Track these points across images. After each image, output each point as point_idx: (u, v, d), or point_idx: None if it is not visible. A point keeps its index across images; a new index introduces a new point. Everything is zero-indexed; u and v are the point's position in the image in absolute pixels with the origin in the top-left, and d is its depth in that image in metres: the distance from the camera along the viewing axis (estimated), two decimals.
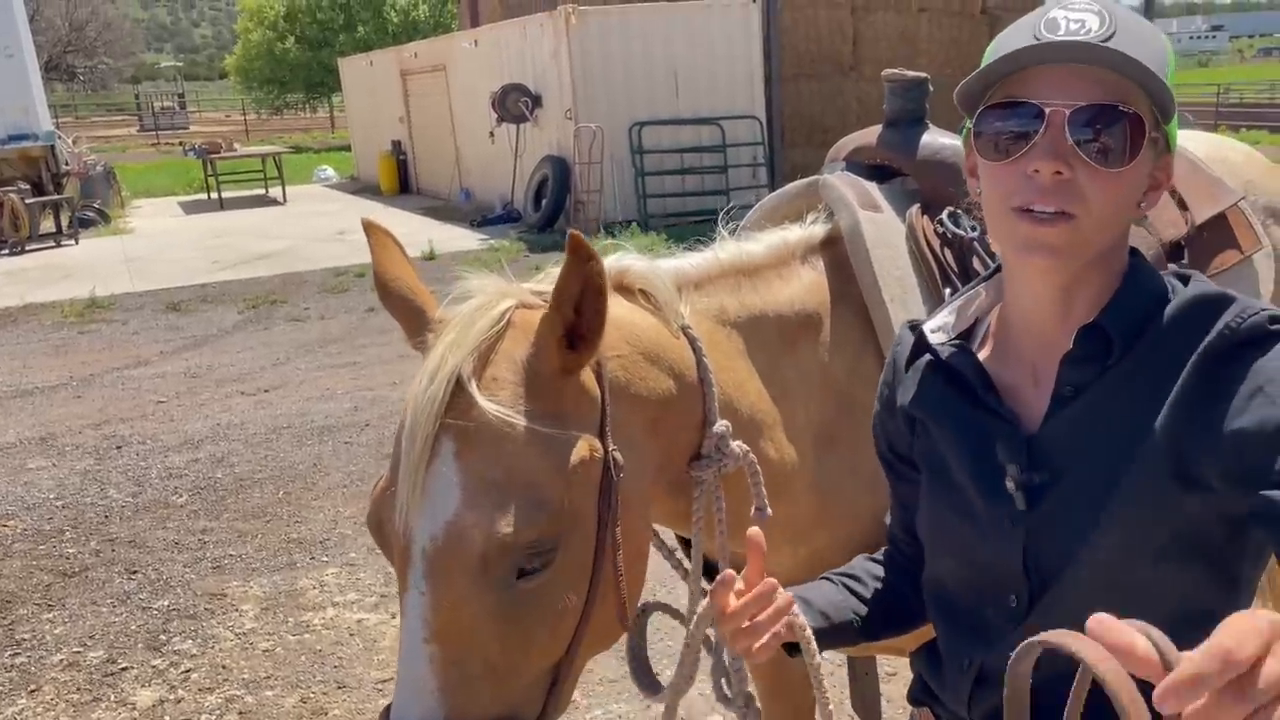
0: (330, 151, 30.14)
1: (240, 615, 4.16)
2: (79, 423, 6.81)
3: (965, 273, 1.74)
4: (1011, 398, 1.18)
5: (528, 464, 1.23)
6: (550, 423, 1.25)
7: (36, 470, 5.96)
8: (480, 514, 1.20)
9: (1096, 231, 1.06)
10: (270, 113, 43.67)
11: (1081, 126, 1.04)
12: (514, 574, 1.22)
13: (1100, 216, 1.06)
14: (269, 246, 14.07)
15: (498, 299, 1.32)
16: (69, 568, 4.68)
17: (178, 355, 8.56)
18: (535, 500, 1.22)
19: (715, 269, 1.65)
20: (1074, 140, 1.04)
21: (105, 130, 42.80)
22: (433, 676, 1.21)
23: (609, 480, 1.30)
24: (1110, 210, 1.07)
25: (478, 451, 1.22)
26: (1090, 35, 1.04)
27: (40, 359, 8.63)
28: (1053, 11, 1.08)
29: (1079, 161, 1.04)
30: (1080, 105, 1.04)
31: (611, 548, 1.31)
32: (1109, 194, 1.06)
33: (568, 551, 1.26)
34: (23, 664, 3.88)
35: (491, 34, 16.71)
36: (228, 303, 10.55)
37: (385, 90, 21.26)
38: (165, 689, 3.67)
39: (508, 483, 1.22)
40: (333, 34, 35.63)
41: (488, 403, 1.22)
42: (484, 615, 1.22)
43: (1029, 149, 1.06)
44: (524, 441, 1.23)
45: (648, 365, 1.43)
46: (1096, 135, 1.04)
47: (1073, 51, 1.04)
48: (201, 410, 6.97)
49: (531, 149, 15.07)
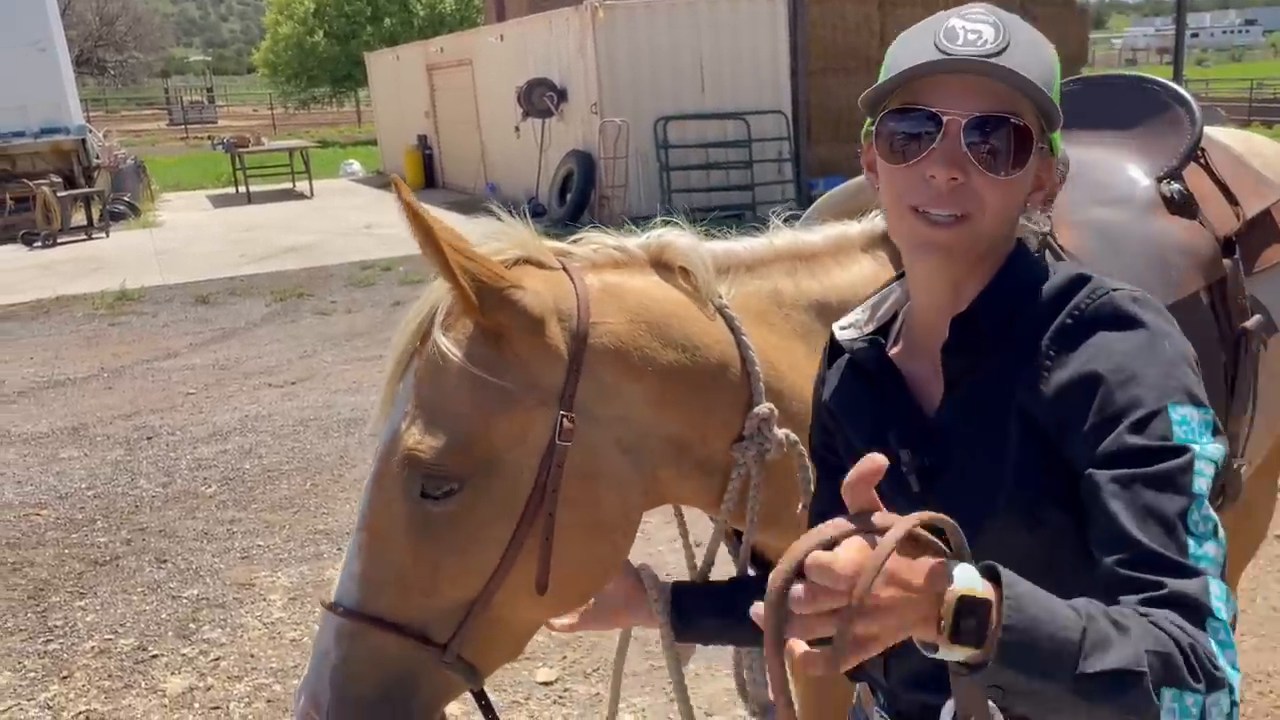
0: (356, 146, 30.32)
1: (268, 605, 4.22)
2: (110, 413, 6.91)
3: None
4: (918, 388, 1.24)
5: (452, 397, 1.35)
6: (488, 369, 1.34)
7: (68, 460, 6.06)
8: (406, 426, 1.35)
9: (988, 231, 1.13)
10: (297, 107, 43.98)
11: (976, 135, 1.10)
12: (418, 490, 1.35)
13: (993, 217, 1.13)
14: (296, 240, 14.19)
15: (508, 249, 1.43)
16: (100, 556, 4.75)
17: (206, 347, 8.66)
18: (445, 429, 1.33)
19: (769, 253, 1.63)
20: (968, 148, 1.10)
21: (135, 124, 43.26)
22: (356, 562, 1.40)
23: (554, 443, 1.35)
24: (1002, 211, 1.13)
25: (424, 376, 1.38)
26: (985, 48, 1.10)
27: (72, 350, 8.75)
28: (951, 20, 1.13)
29: (973, 168, 1.10)
30: (975, 115, 1.10)
31: (542, 509, 1.36)
32: (1000, 197, 1.12)
33: (483, 495, 1.35)
34: (55, 651, 3.95)
35: (517, 29, 16.74)
36: (255, 296, 10.65)
37: (411, 85, 21.35)
38: (195, 676, 3.72)
39: (431, 407, 1.35)
40: (359, 27, 35.79)
41: (439, 335, 1.36)
42: (398, 521, 1.37)
43: (926, 154, 1.11)
44: (456, 376, 1.35)
45: (651, 337, 1.44)
46: (989, 143, 1.10)
47: (970, 66, 1.10)
48: (230, 402, 7.05)
49: (557, 143, 15.09)
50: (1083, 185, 1.88)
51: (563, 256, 1.48)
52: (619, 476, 1.41)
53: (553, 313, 1.39)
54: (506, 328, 1.35)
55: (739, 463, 1.49)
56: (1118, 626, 0.88)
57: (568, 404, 1.36)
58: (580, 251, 1.52)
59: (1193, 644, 0.90)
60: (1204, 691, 0.88)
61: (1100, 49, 48.24)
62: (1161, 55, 47.12)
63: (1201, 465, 0.99)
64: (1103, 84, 2.26)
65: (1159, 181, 1.99)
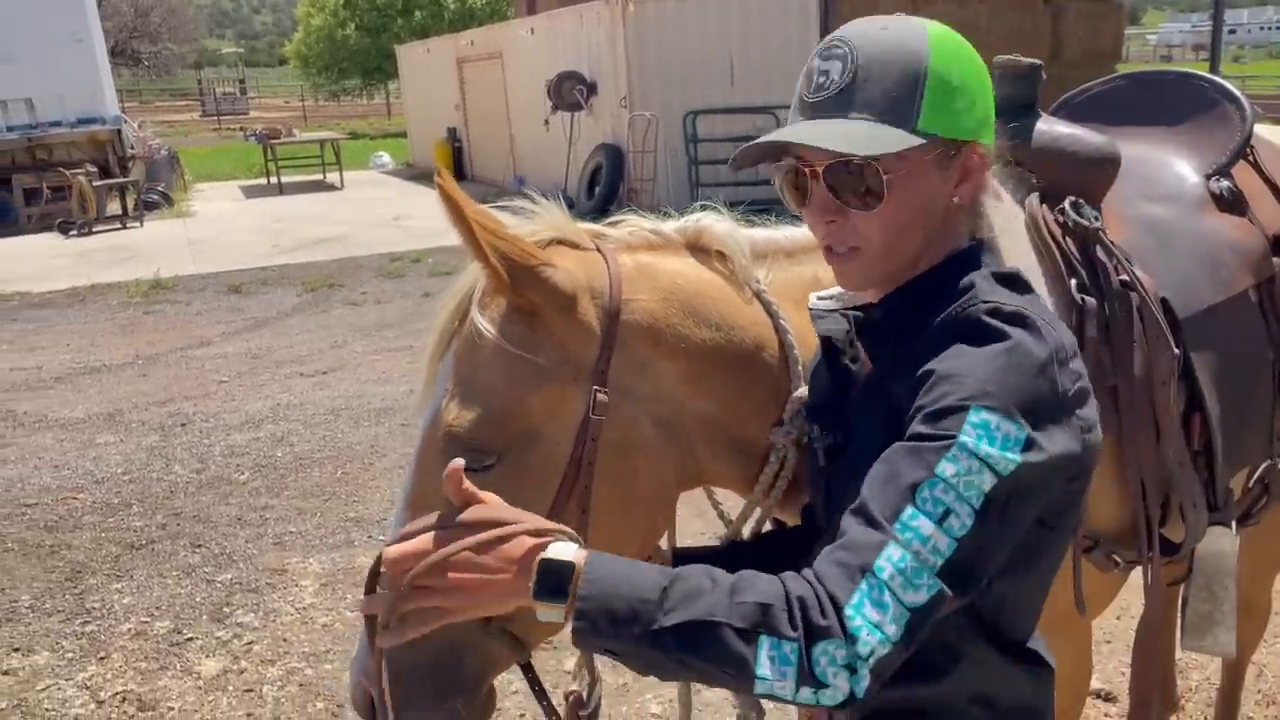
0: (386, 138, 30.46)
1: (300, 590, 4.26)
2: (145, 400, 6.99)
3: (1089, 263, 1.72)
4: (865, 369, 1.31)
5: (488, 374, 1.39)
6: (522, 345, 1.38)
7: (105, 445, 6.14)
8: (446, 403, 1.39)
9: (883, 255, 1.19)
10: (328, 99, 44.23)
11: (835, 178, 1.17)
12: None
13: (881, 245, 1.18)
14: (327, 231, 14.29)
15: (542, 230, 1.46)
16: (136, 540, 4.82)
17: (239, 336, 8.75)
18: (482, 405, 1.37)
19: (810, 242, 1.62)
20: (832, 191, 1.17)
21: (169, 115, 43.66)
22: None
23: (589, 418, 1.38)
24: (889, 236, 1.18)
25: (462, 354, 1.42)
26: (831, 89, 1.17)
27: (107, 337, 8.86)
28: (813, 60, 1.22)
29: (847, 207, 1.18)
30: (827, 163, 1.17)
31: (579, 482, 1.39)
32: (880, 227, 1.17)
33: (522, 468, 1.38)
34: (92, 632, 4.02)
35: (548, 22, 16.76)
36: (287, 285, 10.74)
37: (442, 77, 21.43)
38: (229, 659, 3.77)
39: (469, 384, 1.39)
40: (390, 19, 35.94)
41: (475, 314, 1.40)
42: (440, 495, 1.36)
43: (808, 202, 1.21)
44: (491, 353, 1.38)
45: (684, 315, 1.45)
46: (850, 184, 1.16)
47: (813, 111, 1.19)
48: (262, 390, 7.12)
49: (586, 137, 15.11)
50: (1132, 181, 1.87)
51: (597, 238, 1.51)
52: (654, 452, 1.43)
53: (585, 290, 1.41)
54: (539, 305, 1.38)
55: (777, 447, 1.50)
56: (714, 584, 0.99)
57: (601, 379, 1.39)
58: (615, 233, 1.53)
59: (803, 596, 0.97)
60: (799, 639, 0.95)
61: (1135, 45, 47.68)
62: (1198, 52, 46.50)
63: (961, 456, 1.01)
64: (1151, 80, 2.25)
65: (1208, 179, 1.97)
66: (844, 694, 0.96)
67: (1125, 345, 1.67)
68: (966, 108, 1.18)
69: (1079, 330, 1.66)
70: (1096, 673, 3.37)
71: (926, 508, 1.00)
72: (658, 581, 0.99)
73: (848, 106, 1.17)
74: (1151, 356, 1.69)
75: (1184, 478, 1.77)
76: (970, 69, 1.20)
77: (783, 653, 0.96)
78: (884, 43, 1.18)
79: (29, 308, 10.18)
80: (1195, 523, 1.82)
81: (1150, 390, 1.69)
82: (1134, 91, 2.18)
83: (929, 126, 1.16)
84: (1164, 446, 1.72)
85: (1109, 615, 3.69)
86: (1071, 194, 1.77)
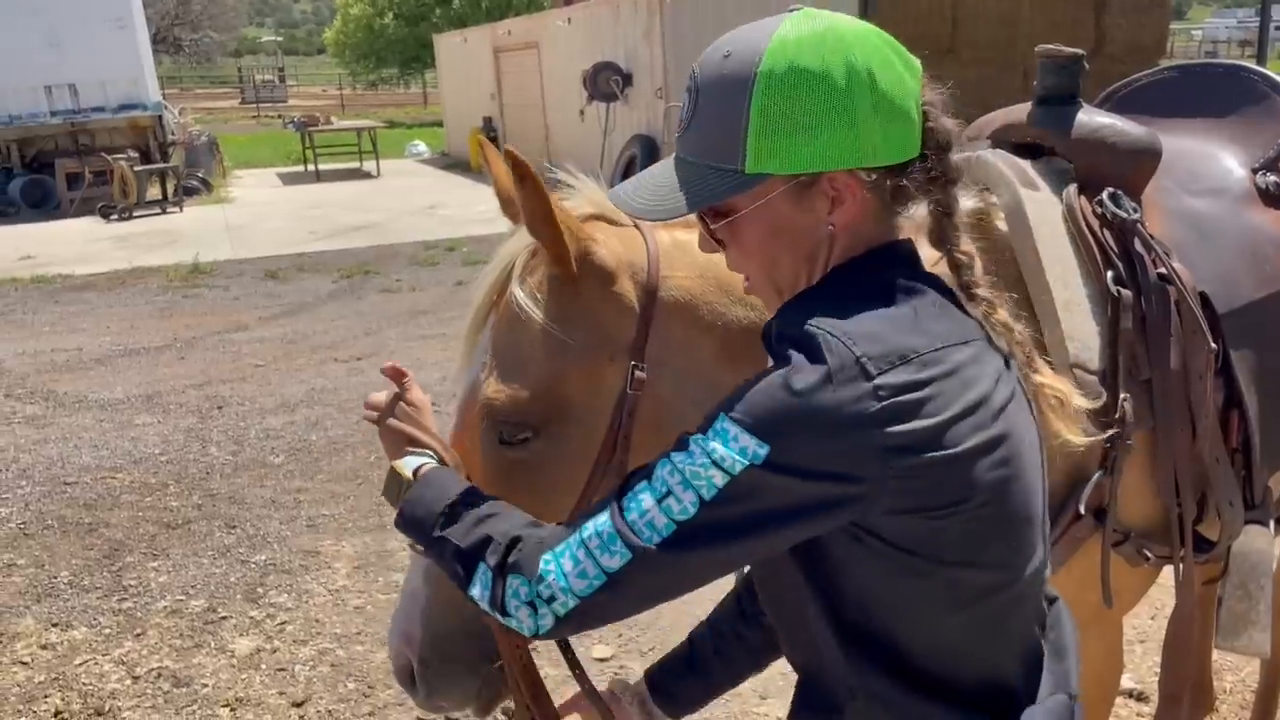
0: (422, 127, 30.61)
1: (333, 573, 4.31)
2: (182, 382, 7.09)
3: (1127, 255, 1.69)
4: None
5: (527, 348, 1.41)
6: (561, 321, 1.40)
7: (143, 426, 6.24)
8: (484, 376, 1.44)
9: (766, 284, 1.17)
10: (365, 88, 44.50)
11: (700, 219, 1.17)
12: (496, 438, 1.43)
13: (758, 276, 1.17)
14: (363, 219, 14.39)
15: (582, 205, 1.49)
16: (173, 520, 4.89)
17: (275, 321, 8.84)
18: (520, 379, 1.40)
19: None
20: (704, 230, 1.18)
21: (209, 102, 44.17)
22: None
23: (626, 393, 1.41)
24: (760, 269, 1.16)
25: (501, 328, 1.45)
26: (681, 125, 1.15)
27: (147, 320, 8.99)
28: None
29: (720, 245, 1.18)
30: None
31: (615, 456, 1.41)
32: (746, 262, 1.17)
33: (559, 441, 1.41)
34: (129, 609, 4.09)
35: (584, 12, 16.75)
36: (323, 272, 10.84)
37: (478, 67, 21.50)
38: (262, 639, 3.82)
39: (508, 358, 1.43)
40: (428, 9, 36.09)
41: (516, 288, 1.42)
42: (482, 466, 1.44)
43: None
44: (530, 328, 1.41)
45: (719, 294, 1.45)
46: (706, 223, 1.16)
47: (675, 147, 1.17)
48: (297, 375, 7.20)
49: (621, 127, 15.10)
50: (1175, 173, 1.84)
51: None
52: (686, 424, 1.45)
53: (625, 266, 1.43)
54: (581, 281, 1.40)
55: None
56: (476, 511, 1.17)
57: (638, 355, 1.41)
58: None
59: (519, 537, 1.11)
60: (493, 571, 1.10)
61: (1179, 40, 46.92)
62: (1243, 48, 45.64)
63: (695, 450, 1.03)
64: (1198, 72, 2.21)
65: (1254, 173, 1.94)
66: (527, 628, 1.09)
67: (1161, 339, 1.65)
68: (807, 137, 1.07)
69: (1114, 323, 1.64)
70: (1129, 672, 3.34)
71: (655, 485, 1.05)
72: (449, 500, 1.20)
73: (685, 146, 1.14)
74: (1188, 351, 1.67)
75: (1221, 475, 1.74)
76: (823, 87, 1.06)
77: (487, 579, 1.11)
78: (721, 72, 1.10)
79: (70, 290, 10.34)
80: (1231, 520, 1.80)
81: (1186, 385, 1.67)
82: (1181, 83, 2.15)
83: (757, 166, 1.08)
84: (1200, 443, 1.70)
85: (1143, 615, 3.65)
86: (1111, 185, 1.75)
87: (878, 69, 1.08)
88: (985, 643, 1.13)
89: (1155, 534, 1.75)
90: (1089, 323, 1.65)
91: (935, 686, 1.10)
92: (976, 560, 1.08)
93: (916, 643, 1.10)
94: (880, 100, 1.08)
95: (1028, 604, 1.16)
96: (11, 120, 16.22)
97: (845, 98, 1.07)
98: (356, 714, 3.36)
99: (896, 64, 1.11)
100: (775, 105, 1.07)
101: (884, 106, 1.08)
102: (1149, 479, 1.71)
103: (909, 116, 1.11)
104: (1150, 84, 2.18)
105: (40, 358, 7.84)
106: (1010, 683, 1.15)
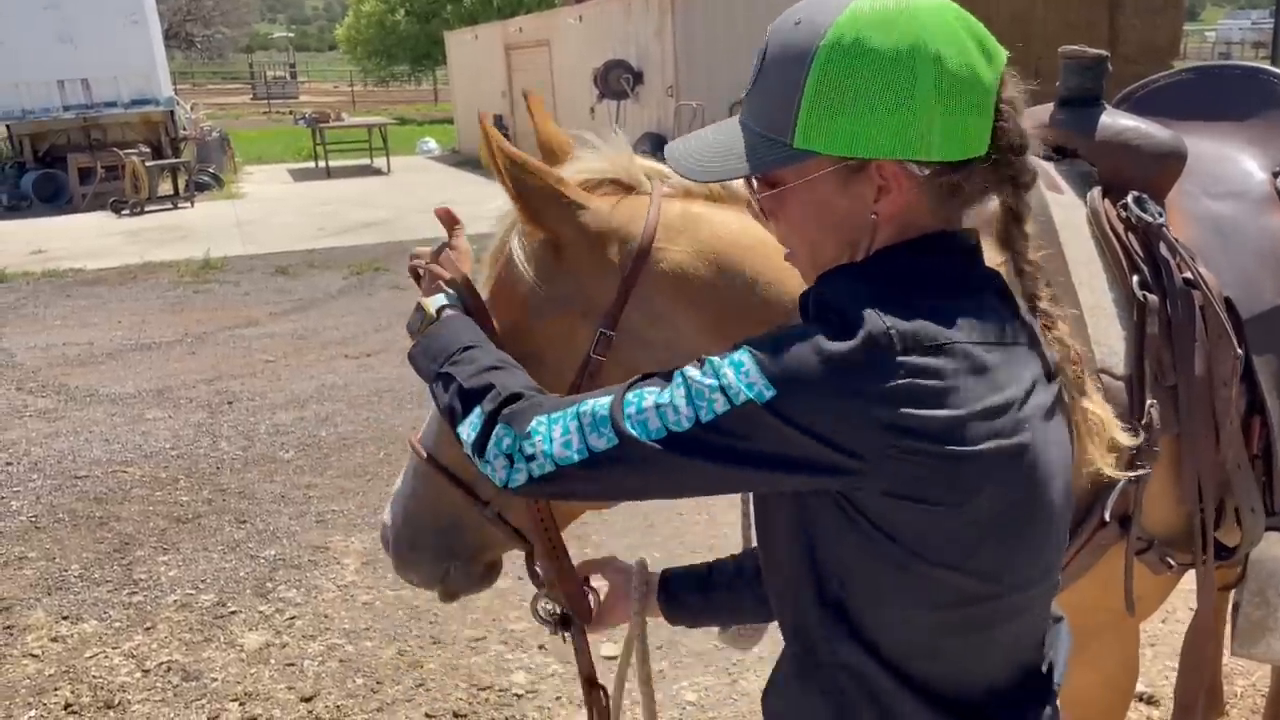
0: (433, 124, 30.64)
1: (342, 568, 4.32)
2: (193, 377, 7.11)
3: (1152, 259, 1.68)
4: None
5: (513, 291, 1.51)
6: (542, 274, 1.48)
7: (154, 421, 6.25)
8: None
9: (810, 262, 1.15)
10: (376, 84, 44.59)
11: (751, 190, 1.18)
12: None
13: (803, 253, 1.15)
14: (373, 215, 14.42)
15: (600, 168, 1.53)
16: (183, 514, 4.91)
17: (285, 317, 8.86)
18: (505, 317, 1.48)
19: None
20: (755, 203, 1.19)
21: (220, 98, 44.25)
22: (434, 419, 1.61)
23: (588, 356, 1.46)
24: (805, 247, 1.15)
25: (502, 269, 1.55)
26: (748, 86, 1.14)
27: (158, 315, 9.02)
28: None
29: (769, 219, 1.18)
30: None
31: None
32: (791, 237, 1.15)
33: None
34: (139, 602, 4.10)
35: (596, 10, 16.75)
36: (333, 268, 10.86)
37: (489, 64, 21.52)
38: (271, 633, 3.83)
39: (499, 297, 1.52)
40: (440, 6, 36.13)
41: (514, 235, 1.51)
42: None
43: None
44: (516, 273, 1.50)
45: (714, 270, 1.44)
46: (758, 196, 1.16)
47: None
48: (307, 371, 7.21)
49: (631, 125, 15.09)
50: (1195, 177, 1.83)
51: (661, 180, 1.52)
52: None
53: (613, 233, 1.46)
54: (565, 240, 1.46)
55: None
56: (486, 366, 1.21)
57: (609, 322, 1.45)
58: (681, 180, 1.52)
59: (519, 394, 1.16)
60: (486, 416, 1.14)
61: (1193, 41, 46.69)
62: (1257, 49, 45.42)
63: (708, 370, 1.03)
64: (1216, 74, 2.20)
65: (1275, 176, 1.92)
66: (499, 478, 1.12)
67: (1187, 345, 1.64)
68: (861, 120, 1.02)
69: (1140, 327, 1.62)
70: (1141, 675, 3.33)
71: (661, 390, 1.05)
72: (464, 344, 1.27)
73: (746, 110, 1.13)
74: (1213, 357, 1.65)
75: (1242, 481, 1.73)
76: (883, 70, 1.02)
77: (477, 423, 1.15)
78: (787, 39, 1.07)
79: (82, 285, 10.38)
80: (1251, 527, 1.78)
81: (1211, 391, 1.66)
82: (1199, 85, 2.13)
83: (805, 142, 1.05)
84: (1223, 449, 1.69)
85: (1154, 619, 3.63)
86: (1135, 188, 1.73)
87: (949, 56, 1.02)
88: (965, 648, 1.11)
89: (1178, 541, 1.74)
90: (1115, 327, 1.64)
91: (907, 676, 1.09)
92: (961, 565, 1.05)
93: (891, 631, 1.09)
94: (945, 91, 1.02)
95: (1023, 619, 1.13)
96: (24, 115, 16.30)
97: (905, 85, 1.02)
98: (365, 709, 3.37)
99: (973, 52, 1.04)
100: (831, 82, 1.03)
101: (948, 98, 1.02)
102: (1173, 485, 1.70)
103: (978, 111, 1.04)
104: (1167, 86, 2.17)
105: (52, 352, 7.87)
106: (990, 691, 1.12)
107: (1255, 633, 1.88)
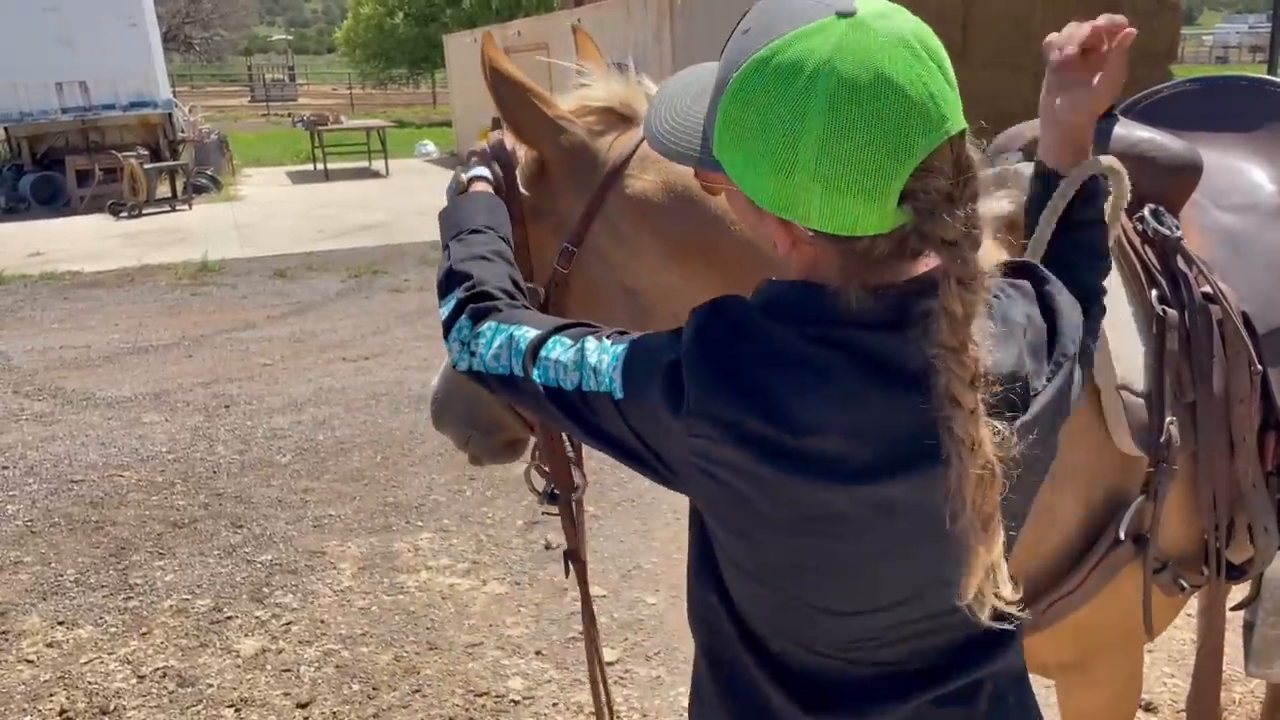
0: (431, 127, 30.61)
1: (338, 573, 4.30)
2: (190, 381, 7.09)
3: (1169, 273, 1.65)
4: None
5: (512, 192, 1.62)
6: (529, 183, 1.63)
7: (150, 424, 6.23)
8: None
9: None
10: (375, 87, 44.53)
11: None
12: None
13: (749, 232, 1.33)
14: (371, 218, 14.40)
15: (601, 96, 1.65)
16: (179, 519, 4.89)
17: (283, 320, 8.84)
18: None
19: None
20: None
21: (219, 100, 44.20)
22: None
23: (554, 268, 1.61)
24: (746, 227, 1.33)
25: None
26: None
27: (155, 318, 8.99)
28: None
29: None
30: None
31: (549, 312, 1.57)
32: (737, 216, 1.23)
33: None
34: (135, 607, 4.08)
35: (595, 13, 16.74)
36: (331, 271, 10.84)
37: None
38: (267, 639, 3.81)
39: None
40: (439, 9, 36.11)
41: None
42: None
43: None
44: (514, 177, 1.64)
45: (681, 204, 1.53)
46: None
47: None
48: (305, 374, 7.19)
49: None
50: (1206, 189, 1.81)
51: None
52: (616, 309, 1.60)
53: (589, 155, 1.59)
54: (547, 157, 1.61)
55: None
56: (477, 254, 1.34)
57: (576, 238, 1.59)
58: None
59: (479, 295, 1.28)
60: (457, 301, 1.28)
61: (1190, 46, 46.73)
62: (1254, 54, 45.45)
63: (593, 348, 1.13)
64: (1222, 85, 2.18)
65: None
66: (452, 358, 1.28)
67: (1205, 360, 1.62)
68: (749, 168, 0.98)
69: (1159, 342, 1.60)
70: None
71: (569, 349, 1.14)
72: (474, 226, 1.40)
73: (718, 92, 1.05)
74: (1231, 373, 1.63)
75: (1256, 499, 1.71)
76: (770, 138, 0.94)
77: (450, 305, 1.29)
78: (733, 44, 1.03)
79: (79, 287, 10.36)
80: (1265, 546, 1.76)
81: (1228, 408, 1.64)
82: (1204, 96, 2.11)
83: (719, 155, 1.02)
84: (1238, 466, 1.67)
85: None
86: (1150, 201, 1.71)
87: (841, 136, 0.91)
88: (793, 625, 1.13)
89: (1187, 560, 1.72)
90: (1134, 342, 1.62)
91: (749, 639, 1.15)
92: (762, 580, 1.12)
93: (735, 590, 1.16)
94: (824, 175, 0.92)
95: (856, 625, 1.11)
96: (22, 117, 16.27)
97: (784, 155, 0.94)
98: (361, 715, 3.35)
99: (886, 128, 0.91)
100: (731, 117, 0.98)
101: (828, 180, 0.92)
102: (1188, 503, 1.68)
103: (866, 198, 0.92)
104: (1172, 96, 2.14)
105: (48, 354, 7.85)
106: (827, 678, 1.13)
107: (1270, 652, 1.86)
